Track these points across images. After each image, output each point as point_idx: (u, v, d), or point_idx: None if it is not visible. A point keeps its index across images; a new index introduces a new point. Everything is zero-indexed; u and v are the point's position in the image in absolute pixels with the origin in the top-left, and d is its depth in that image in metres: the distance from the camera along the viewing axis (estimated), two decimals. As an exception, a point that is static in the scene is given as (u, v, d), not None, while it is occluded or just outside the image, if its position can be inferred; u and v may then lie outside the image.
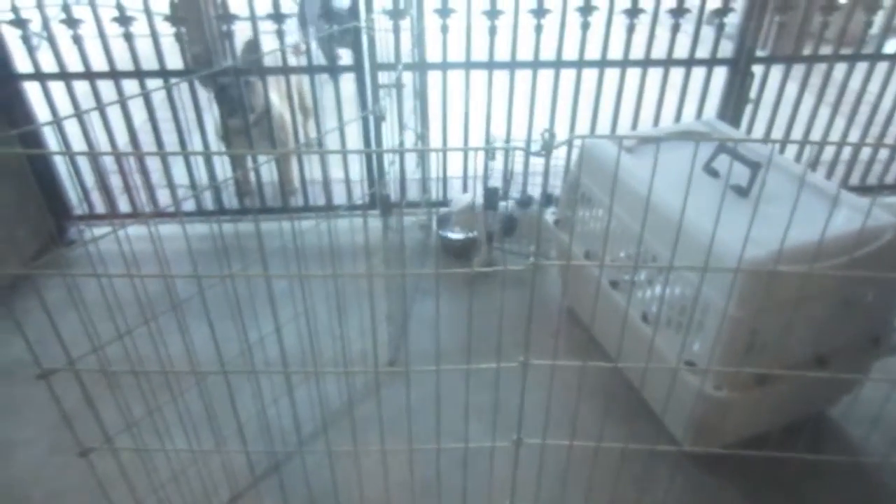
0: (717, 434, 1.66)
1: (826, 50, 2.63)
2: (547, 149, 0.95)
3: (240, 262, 1.57)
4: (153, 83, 2.49)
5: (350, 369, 1.91)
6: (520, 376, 1.27)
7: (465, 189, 2.89)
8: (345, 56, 3.73)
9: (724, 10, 2.48)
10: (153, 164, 2.97)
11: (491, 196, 2.42)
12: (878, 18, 2.58)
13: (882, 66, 2.70)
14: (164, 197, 2.82)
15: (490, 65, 2.57)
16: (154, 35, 2.37)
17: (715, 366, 1.51)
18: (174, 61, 2.43)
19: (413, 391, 1.67)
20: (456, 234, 2.74)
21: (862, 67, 2.69)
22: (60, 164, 2.75)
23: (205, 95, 2.65)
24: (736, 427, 1.67)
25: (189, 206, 2.79)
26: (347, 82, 2.52)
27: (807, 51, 2.66)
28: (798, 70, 2.68)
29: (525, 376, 1.31)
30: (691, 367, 1.58)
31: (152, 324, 1.39)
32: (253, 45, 2.43)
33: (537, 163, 2.80)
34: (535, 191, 2.71)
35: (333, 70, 2.51)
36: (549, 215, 2.23)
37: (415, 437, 1.63)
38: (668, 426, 1.77)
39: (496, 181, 2.48)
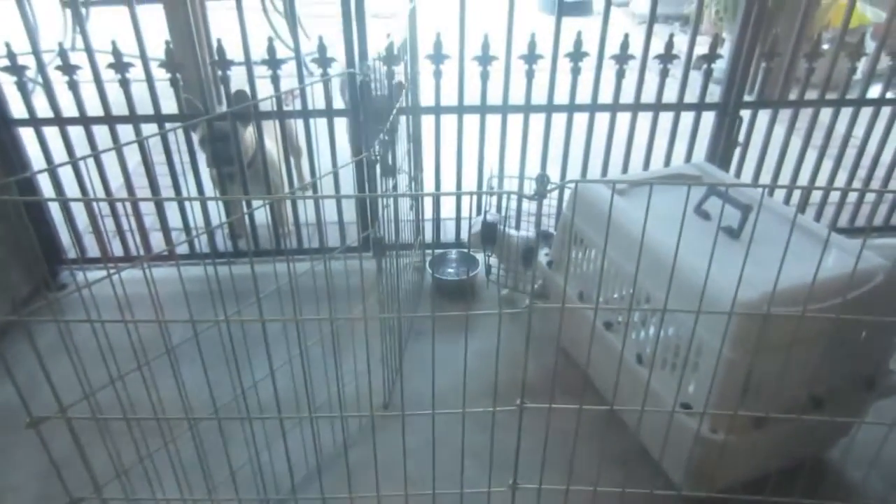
0: (715, 477, 1.65)
1: (812, 95, 2.70)
2: (540, 193, 0.97)
3: (234, 305, 1.58)
4: (148, 128, 2.52)
5: (345, 413, 1.90)
6: (516, 418, 1.26)
7: (458, 232, 2.92)
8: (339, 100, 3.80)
9: (711, 56, 2.55)
10: (147, 208, 2.99)
11: (489, 231, 2.44)
12: (861, 65, 2.66)
13: (867, 111, 2.77)
14: (157, 240, 2.83)
15: (482, 109, 2.63)
16: (149, 80, 2.41)
17: (711, 408, 1.51)
18: (169, 105, 2.47)
19: (408, 435, 1.66)
20: (450, 276, 2.76)
21: (847, 112, 2.76)
22: (54, 209, 2.76)
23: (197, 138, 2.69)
24: (733, 470, 1.66)
25: (183, 248, 2.80)
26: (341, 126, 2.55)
27: (793, 95, 2.73)
28: (785, 114, 2.74)
29: (521, 420, 1.31)
30: (687, 409, 1.58)
31: (145, 369, 1.38)
32: (242, 96, 2.48)
33: (532, 203, 2.83)
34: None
35: (329, 114, 2.55)
36: (543, 256, 2.25)
37: (410, 482, 1.61)
38: (666, 469, 1.76)
39: (489, 218, 2.51)
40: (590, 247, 2.00)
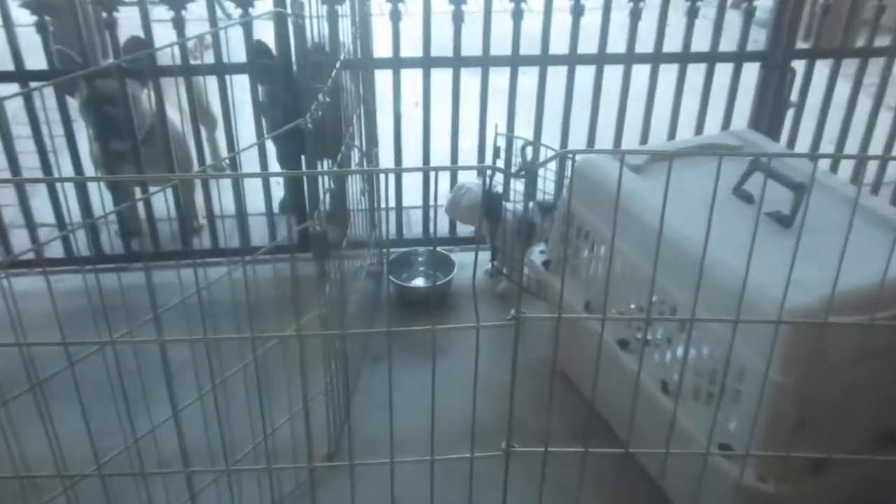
0: (764, 540, 1.67)
1: (883, 41, 2.74)
2: (528, 168, 0.98)
3: (124, 325, 1.56)
4: (6, 89, 2.49)
5: (276, 465, 1.89)
6: (501, 467, 1.27)
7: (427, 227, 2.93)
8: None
9: (753, -9, 2.59)
10: (5, 196, 2.94)
11: (494, 203, 2.45)
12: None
13: (954, 61, 2.82)
14: (20, 239, 2.79)
15: (456, 61, 2.63)
16: (7, 25, 2.37)
17: (757, 450, 1.53)
18: (36, 59, 2.44)
19: (361, 492, 1.65)
20: (416, 282, 2.76)
21: (929, 62, 2.81)
22: None
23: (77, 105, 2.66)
24: (787, 530, 1.68)
25: (55, 250, 2.76)
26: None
27: (860, 42, 2.77)
28: (850, 66, 2.78)
29: (508, 468, 1.32)
30: (726, 451, 1.60)
31: (1, 410, 1.37)
32: (136, 45, 2.45)
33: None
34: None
35: (251, 69, 2.54)
36: (538, 255, 2.27)
37: (363, 557, 1.61)
38: (700, 531, 1.78)
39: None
40: (598, 242, 2.02)
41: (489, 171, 2.51)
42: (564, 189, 2.28)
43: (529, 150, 1.50)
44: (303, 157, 2.49)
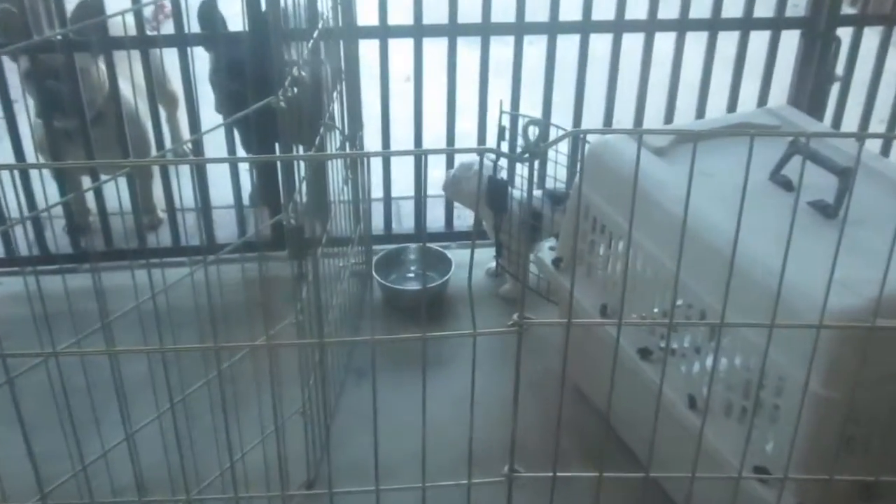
0: (805, 577, 1.67)
1: (942, 4, 2.74)
2: (532, 151, 0.97)
3: (72, 334, 1.56)
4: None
5: (246, 494, 1.89)
6: (503, 495, 1.27)
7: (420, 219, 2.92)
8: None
9: (792, -52, 2.59)
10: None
11: (499, 191, 2.44)
12: None
13: None
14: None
15: (451, 29, 2.63)
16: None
17: (797, 473, 1.53)
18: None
19: (342, 526, 1.65)
20: (407, 284, 2.75)
21: None
22: None
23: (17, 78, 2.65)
24: (832, 565, 1.68)
25: (-7, 249, 2.76)
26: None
27: (915, 5, 2.77)
28: (903, 33, 2.78)
29: (511, 495, 1.32)
30: (762, 475, 1.60)
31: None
32: (87, 11, 2.44)
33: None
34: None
35: (216, 40, 2.53)
36: (546, 252, 2.27)
37: None
38: (732, 567, 1.78)
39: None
40: (616, 237, 2.01)
41: (490, 155, 2.52)
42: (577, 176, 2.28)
43: (534, 129, 1.48)
44: (275, 142, 2.48)
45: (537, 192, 2.60)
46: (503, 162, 2.60)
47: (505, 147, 2.47)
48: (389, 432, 1.83)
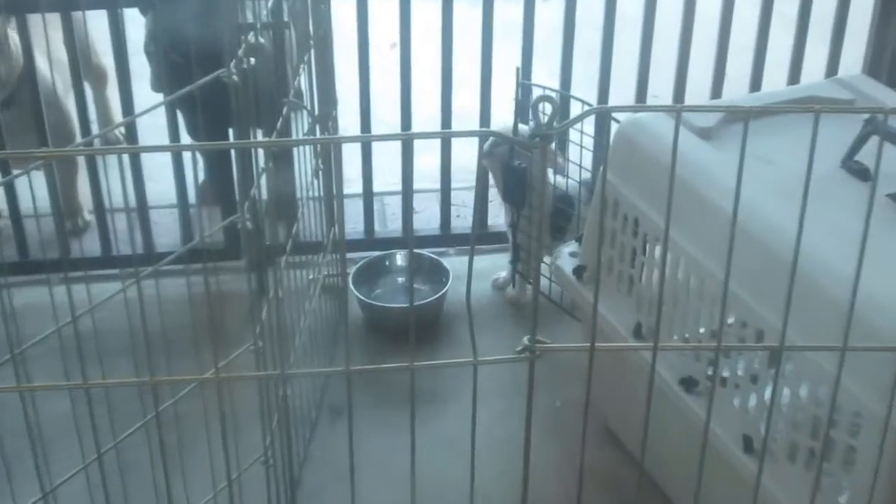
0: None
1: None
2: (543, 133, 0.97)
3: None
4: None
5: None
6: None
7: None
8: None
9: None
10: None
11: (516, 180, 2.44)
12: None
13: None
14: None
15: (446, -16, 2.64)
16: None
17: (878, 531, 1.53)
18: None
19: None
20: (396, 301, 2.75)
21: None
22: None
23: None
24: None
25: None
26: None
27: None
28: None
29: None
30: (836, 534, 1.60)
31: None
32: None
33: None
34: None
35: (153, 0, 2.54)
36: (566, 259, 2.26)
37: None
38: None
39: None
40: (652, 238, 2.01)
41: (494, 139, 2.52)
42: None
43: (548, 106, 1.47)
44: (228, 126, 2.48)
45: (572, 182, 2.62)
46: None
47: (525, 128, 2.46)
48: (371, 485, 1.84)
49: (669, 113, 1.99)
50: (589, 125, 2.59)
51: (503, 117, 2.51)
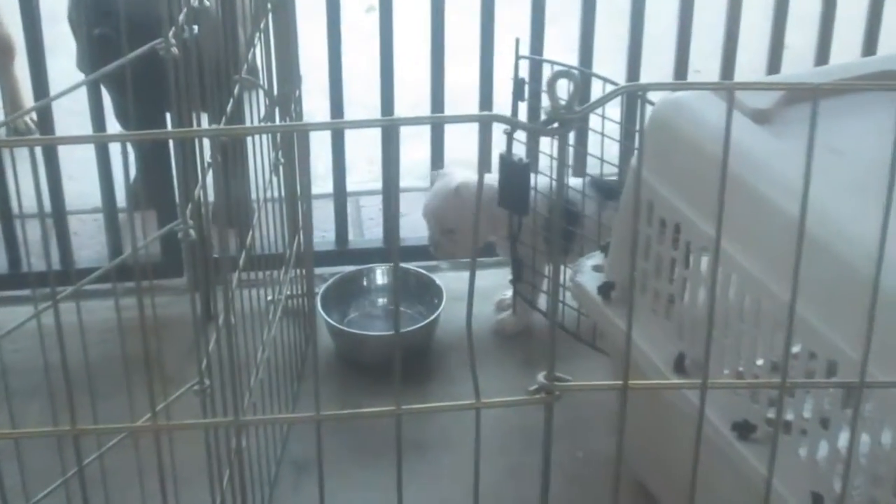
0: None
1: None
2: (561, 118, 0.97)
3: None
4: None
5: None
6: None
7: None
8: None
9: None
10: None
11: (516, 180, 2.42)
12: None
13: None
14: None
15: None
16: None
17: None
18: None
19: None
20: (376, 327, 2.75)
21: None
22: None
23: None
24: None
25: None
26: None
27: None
28: None
29: None
30: None
31: None
32: None
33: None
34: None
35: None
36: (590, 274, 2.26)
37: None
38: None
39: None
40: (696, 249, 2.01)
41: (503, 127, 2.52)
42: (633, 160, 2.28)
43: (566, 84, 1.46)
44: (165, 111, 2.48)
45: (576, 181, 2.60)
46: (521, 135, 2.58)
47: (524, 113, 2.47)
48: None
49: (718, 92, 1.99)
50: (613, 108, 2.59)
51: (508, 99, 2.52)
